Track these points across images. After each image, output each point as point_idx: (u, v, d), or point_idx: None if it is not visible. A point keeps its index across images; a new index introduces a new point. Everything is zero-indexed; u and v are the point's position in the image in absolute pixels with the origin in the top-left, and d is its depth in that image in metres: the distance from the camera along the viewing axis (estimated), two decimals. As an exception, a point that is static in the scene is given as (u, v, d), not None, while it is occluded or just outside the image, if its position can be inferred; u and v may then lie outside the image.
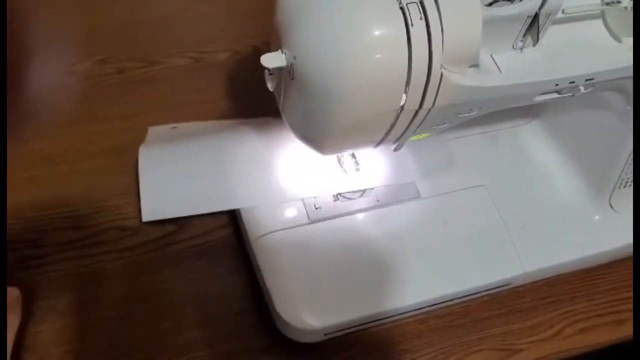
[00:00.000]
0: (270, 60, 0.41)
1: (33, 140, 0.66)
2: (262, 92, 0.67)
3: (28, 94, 0.71)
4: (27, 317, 0.55)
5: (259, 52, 0.75)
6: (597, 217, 0.58)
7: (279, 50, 0.41)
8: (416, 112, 0.42)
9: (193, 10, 0.80)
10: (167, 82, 0.73)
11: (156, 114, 0.70)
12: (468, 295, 0.56)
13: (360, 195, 0.56)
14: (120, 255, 0.59)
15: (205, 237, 0.60)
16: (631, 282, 0.60)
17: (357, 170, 0.56)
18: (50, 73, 0.73)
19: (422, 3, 0.38)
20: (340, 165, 0.56)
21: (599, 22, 0.47)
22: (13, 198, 0.61)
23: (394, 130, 0.43)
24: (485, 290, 0.56)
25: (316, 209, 0.55)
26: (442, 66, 0.39)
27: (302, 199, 0.55)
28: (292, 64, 0.40)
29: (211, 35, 0.78)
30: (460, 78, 0.40)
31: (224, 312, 0.57)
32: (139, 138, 0.67)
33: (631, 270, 0.60)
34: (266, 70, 0.45)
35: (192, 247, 0.60)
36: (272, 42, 0.45)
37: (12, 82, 0.71)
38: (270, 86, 0.47)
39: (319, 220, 0.54)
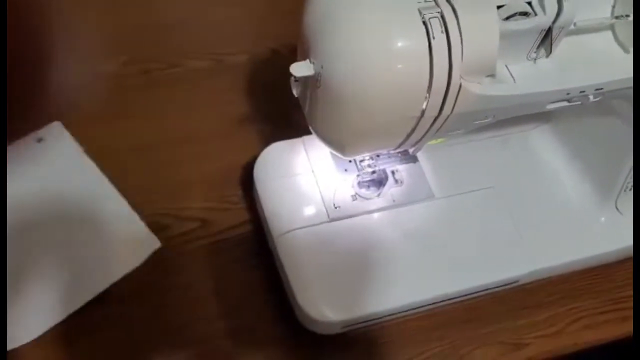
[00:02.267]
0: (299, 69, 0.43)
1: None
2: (280, 93, 0.70)
3: (55, 92, 0.74)
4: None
5: (277, 55, 0.79)
6: (603, 219, 0.60)
7: (307, 60, 0.44)
8: (435, 119, 0.44)
9: (213, 13, 0.82)
10: (189, 83, 0.75)
11: (178, 114, 0.72)
12: (478, 292, 0.58)
13: (377, 196, 0.58)
14: (146, 251, 0.62)
15: (227, 233, 0.63)
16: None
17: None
18: (77, 73, 0.75)
19: (443, 17, 0.40)
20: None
21: (609, 34, 0.49)
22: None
23: (413, 134, 0.46)
24: (495, 287, 0.58)
25: (335, 208, 0.57)
26: (461, 76, 0.41)
27: (322, 198, 0.57)
28: (319, 73, 0.43)
29: (231, 38, 0.80)
30: (478, 87, 0.43)
31: (246, 305, 0.59)
32: (162, 137, 0.70)
33: (629, 271, 0.63)
34: (292, 77, 0.47)
35: (216, 242, 0.62)
36: (299, 51, 0.47)
37: (38, 81, 0.73)
38: (295, 92, 0.49)
39: (338, 218, 0.57)
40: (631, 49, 0.48)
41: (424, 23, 0.40)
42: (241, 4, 0.83)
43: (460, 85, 0.42)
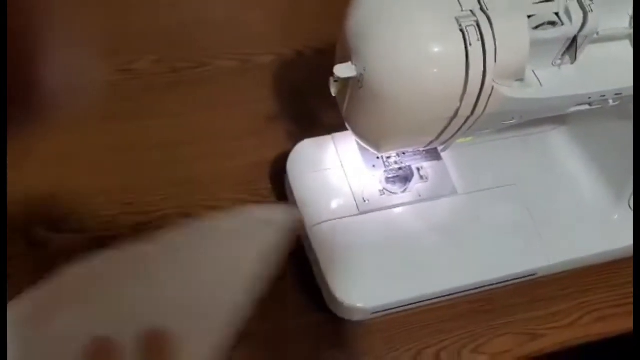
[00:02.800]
0: (343, 70, 0.46)
1: (94, 133, 0.71)
2: (305, 93, 0.73)
3: (86, 89, 0.77)
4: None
5: (301, 56, 0.82)
6: (616, 217, 0.63)
7: (349, 62, 0.47)
8: (467, 119, 0.47)
9: (240, 15, 0.85)
10: (217, 82, 0.78)
11: (206, 112, 0.75)
12: (496, 284, 0.61)
13: (403, 191, 0.62)
14: (183, 240, 0.65)
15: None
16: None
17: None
18: (108, 70, 0.78)
19: (479, 26, 0.44)
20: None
21: (627, 42, 0.52)
22: (81, 184, 0.67)
23: (445, 133, 0.49)
24: (512, 280, 0.61)
25: (364, 201, 0.60)
26: (493, 80, 0.45)
27: (352, 192, 0.61)
28: (361, 74, 0.46)
29: (257, 39, 0.82)
30: (508, 90, 0.46)
31: (275, 291, 0.62)
32: (190, 133, 0.73)
33: None
34: (332, 78, 0.50)
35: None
36: (339, 53, 0.50)
37: (71, 79, 0.76)
38: (333, 91, 0.52)
39: (367, 211, 0.60)
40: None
41: (461, 31, 0.43)
42: (268, 7, 0.86)
43: (492, 88, 0.45)
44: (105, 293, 0.45)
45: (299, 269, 0.62)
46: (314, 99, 0.66)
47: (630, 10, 0.50)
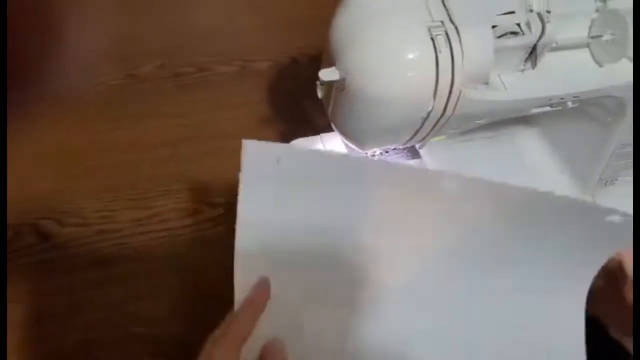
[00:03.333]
0: (327, 75, 0.52)
1: (101, 133, 0.77)
2: (298, 97, 0.79)
3: (99, 92, 0.82)
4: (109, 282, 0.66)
5: (296, 63, 0.88)
6: (581, 211, 0.68)
7: (333, 67, 0.52)
8: (439, 119, 0.53)
9: (240, 23, 0.91)
10: (217, 85, 0.84)
11: (207, 114, 0.81)
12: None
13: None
14: (182, 232, 0.70)
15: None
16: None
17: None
18: (115, 75, 0.84)
19: (448, 35, 0.49)
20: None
21: (586, 50, 0.57)
22: (87, 181, 0.73)
23: (420, 132, 0.54)
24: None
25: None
26: (461, 83, 0.50)
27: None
28: (344, 78, 0.51)
29: (255, 46, 0.89)
30: (475, 93, 0.51)
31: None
32: (193, 133, 0.79)
33: None
34: (318, 81, 0.56)
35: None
36: (324, 59, 0.55)
37: (84, 82, 0.82)
38: (320, 94, 0.58)
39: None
40: (604, 64, 0.57)
41: (432, 39, 0.49)
42: (266, 16, 0.92)
43: (460, 91, 0.50)
44: None
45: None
46: (306, 102, 0.72)
47: (588, 21, 0.56)
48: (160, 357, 0.62)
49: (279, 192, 0.47)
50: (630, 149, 0.64)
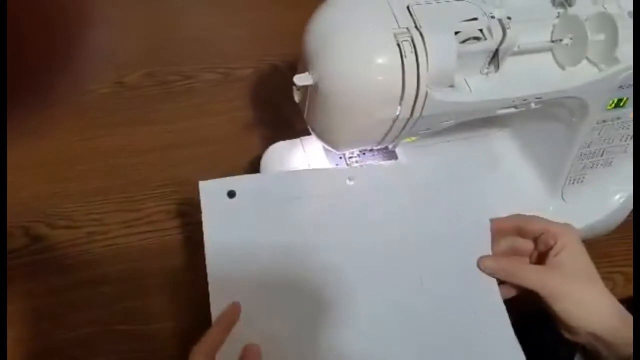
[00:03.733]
0: (301, 79, 0.55)
1: (91, 139, 0.80)
2: (280, 102, 0.81)
3: (87, 100, 0.85)
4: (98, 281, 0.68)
5: (277, 70, 0.91)
6: (551, 208, 0.71)
7: (307, 72, 0.55)
8: (407, 120, 0.55)
9: (223, 33, 0.94)
10: (202, 93, 0.87)
11: (193, 119, 0.84)
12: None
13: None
14: (169, 233, 0.73)
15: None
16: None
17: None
18: (104, 83, 0.87)
19: (413, 41, 0.52)
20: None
21: (548, 54, 0.60)
22: (78, 185, 0.75)
23: (390, 133, 0.57)
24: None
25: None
26: (427, 86, 0.53)
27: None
28: (317, 83, 0.54)
29: (238, 53, 0.92)
30: (441, 95, 0.54)
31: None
32: (179, 139, 0.81)
33: None
34: (294, 87, 0.58)
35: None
36: (300, 65, 0.58)
37: (75, 90, 0.85)
38: (296, 99, 0.60)
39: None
40: (566, 67, 0.60)
41: (398, 45, 0.52)
42: (248, 25, 0.95)
43: (426, 94, 0.53)
44: None
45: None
46: (287, 107, 0.74)
47: (550, 26, 0.59)
48: (150, 352, 0.64)
49: (239, 223, 0.54)
50: (595, 148, 0.67)
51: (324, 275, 0.55)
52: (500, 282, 0.60)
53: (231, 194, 0.54)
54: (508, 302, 0.60)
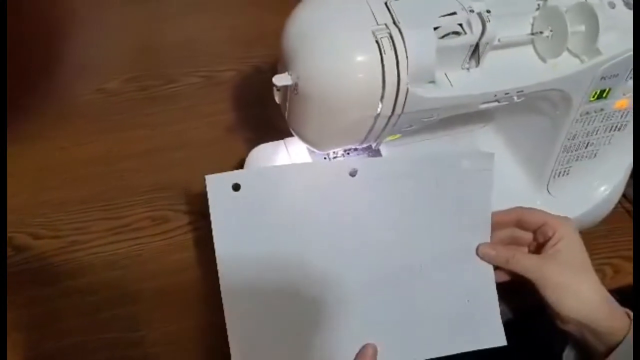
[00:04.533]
0: (280, 80, 0.54)
1: (73, 147, 0.79)
2: (262, 104, 0.81)
3: (69, 108, 0.84)
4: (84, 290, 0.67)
5: (259, 70, 0.90)
6: (538, 202, 0.70)
7: (286, 72, 0.55)
8: (389, 117, 0.55)
9: (203, 35, 0.94)
10: (184, 96, 0.86)
11: (176, 124, 0.83)
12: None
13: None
14: (154, 240, 0.72)
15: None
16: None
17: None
18: (86, 90, 0.86)
19: (392, 37, 0.52)
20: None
21: (529, 47, 0.60)
22: (61, 194, 0.75)
23: (373, 131, 0.57)
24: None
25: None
26: (407, 83, 0.53)
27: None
28: (296, 83, 0.54)
29: (220, 56, 0.91)
30: (422, 91, 0.54)
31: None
32: (163, 144, 0.81)
33: None
34: (274, 87, 0.58)
35: (212, 231, 0.72)
36: (279, 65, 0.58)
37: (54, 99, 0.84)
38: (277, 99, 0.60)
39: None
40: (547, 59, 0.59)
41: (377, 42, 0.51)
42: (230, 28, 0.94)
43: (407, 90, 0.53)
44: None
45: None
46: (271, 108, 0.73)
47: (530, 19, 0.59)
48: (136, 360, 0.64)
49: (244, 215, 0.56)
50: (579, 141, 0.67)
51: (328, 264, 0.58)
52: (496, 268, 0.62)
53: (236, 187, 0.55)
54: (507, 297, 0.62)
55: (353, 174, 0.59)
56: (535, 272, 0.59)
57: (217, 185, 0.56)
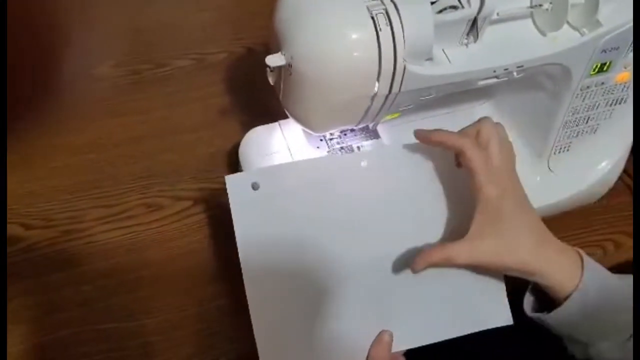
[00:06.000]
0: (273, 60, 0.52)
1: (64, 134, 0.77)
2: (256, 85, 0.79)
3: (56, 95, 0.82)
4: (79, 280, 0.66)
5: (251, 52, 0.88)
6: (538, 178, 0.69)
7: (279, 52, 0.53)
8: (387, 96, 0.54)
9: (192, 17, 0.92)
10: (175, 80, 0.84)
11: (167, 109, 0.81)
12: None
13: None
14: (148, 227, 0.71)
15: (218, 209, 0.72)
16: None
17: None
18: (74, 77, 0.84)
19: (387, 13, 0.50)
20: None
21: (529, 21, 0.58)
22: (51, 183, 0.73)
23: (370, 110, 0.55)
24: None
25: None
26: (404, 60, 0.51)
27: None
28: (290, 63, 0.52)
29: (210, 39, 0.89)
30: (419, 69, 0.52)
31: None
32: (154, 129, 0.79)
33: (566, 222, 0.72)
34: (268, 68, 0.56)
35: (206, 218, 0.71)
36: (272, 45, 0.56)
37: (41, 86, 0.82)
38: (271, 81, 0.58)
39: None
40: (547, 33, 0.58)
41: (372, 18, 0.50)
42: (217, 9, 0.92)
43: (404, 68, 0.51)
44: None
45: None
46: (264, 90, 0.72)
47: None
48: (132, 350, 0.63)
49: (264, 213, 0.56)
50: (580, 116, 0.66)
51: (345, 254, 0.58)
52: None
53: (255, 186, 0.56)
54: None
55: (366, 165, 0.59)
56: (471, 260, 0.54)
57: (236, 184, 0.56)
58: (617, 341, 0.53)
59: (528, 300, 0.57)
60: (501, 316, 0.60)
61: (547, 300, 0.55)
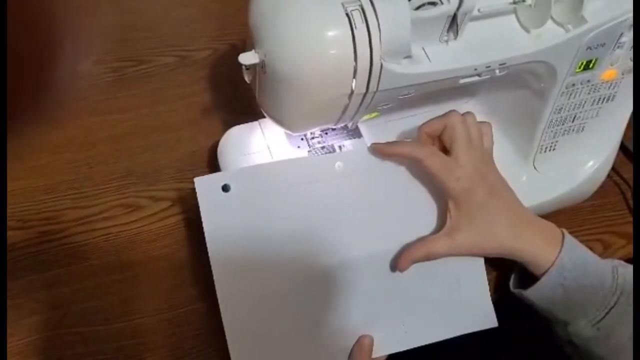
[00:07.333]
0: (246, 58, 0.51)
1: (42, 133, 0.76)
2: (239, 83, 0.78)
3: (34, 92, 0.81)
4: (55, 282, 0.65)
5: (235, 49, 0.86)
6: (524, 178, 0.68)
7: (253, 50, 0.52)
8: (364, 95, 0.52)
9: (175, 13, 0.90)
10: (157, 78, 0.83)
11: (148, 107, 0.80)
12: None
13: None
14: (127, 228, 0.69)
15: (197, 210, 0.70)
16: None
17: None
18: (53, 74, 0.82)
19: (363, 10, 0.48)
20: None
21: (512, 17, 0.57)
22: (27, 183, 0.71)
23: (348, 110, 0.54)
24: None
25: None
26: (381, 58, 0.50)
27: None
28: (263, 61, 0.50)
29: (193, 35, 0.87)
30: (397, 67, 0.51)
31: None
32: (135, 127, 0.77)
33: (554, 223, 0.70)
34: (243, 66, 0.55)
35: (185, 219, 0.70)
36: (247, 43, 0.55)
37: (18, 85, 0.80)
38: (247, 79, 0.57)
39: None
40: (531, 29, 0.56)
41: (347, 15, 0.48)
42: (201, 5, 0.90)
43: (381, 66, 0.50)
44: None
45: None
46: (248, 88, 0.71)
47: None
48: (109, 354, 0.61)
49: (235, 215, 0.55)
50: (566, 114, 0.64)
51: (320, 255, 0.57)
52: None
53: (225, 188, 0.55)
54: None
55: (339, 166, 0.58)
56: (450, 253, 0.56)
57: (206, 187, 0.55)
58: (592, 320, 0.54)
59: (515, 279, 0.60)
60: (485, 319, 0.60)
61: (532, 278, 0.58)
